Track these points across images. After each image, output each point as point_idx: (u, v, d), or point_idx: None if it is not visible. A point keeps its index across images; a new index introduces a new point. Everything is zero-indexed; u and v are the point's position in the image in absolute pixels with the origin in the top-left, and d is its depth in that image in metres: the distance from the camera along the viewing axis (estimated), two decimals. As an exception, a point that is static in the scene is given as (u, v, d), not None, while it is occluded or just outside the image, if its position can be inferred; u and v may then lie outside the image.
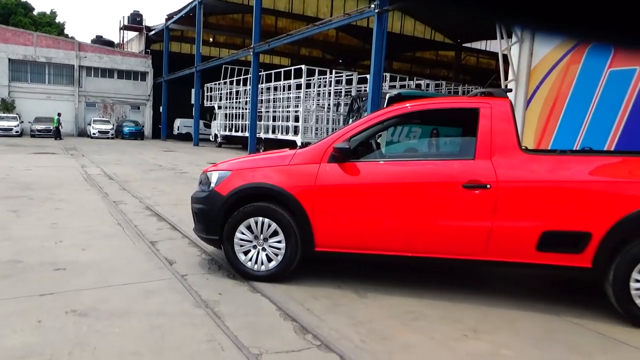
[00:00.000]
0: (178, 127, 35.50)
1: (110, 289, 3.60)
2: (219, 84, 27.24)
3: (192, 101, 29.57)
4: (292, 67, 20.09)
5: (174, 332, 2.92)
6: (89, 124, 31.92)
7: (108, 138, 30.47)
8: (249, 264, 3.96)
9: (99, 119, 32.79)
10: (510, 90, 5.69)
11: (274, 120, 21.45)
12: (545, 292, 4.15)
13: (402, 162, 4.00)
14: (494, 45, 10.45)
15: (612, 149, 7.45)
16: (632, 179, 3.45)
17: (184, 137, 33.78)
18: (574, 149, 7.18)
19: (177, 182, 10.48)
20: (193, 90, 29.27)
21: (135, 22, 37.72)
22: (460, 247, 3.64)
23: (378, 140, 5.24)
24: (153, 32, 36.03)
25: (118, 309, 3.21)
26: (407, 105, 4.09)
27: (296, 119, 19.46)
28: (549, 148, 8.14)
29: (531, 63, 9.05)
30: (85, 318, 3.04)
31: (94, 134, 30.55)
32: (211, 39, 35.39)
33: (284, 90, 20.69)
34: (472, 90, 4.55)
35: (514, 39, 9.20)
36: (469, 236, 3.59)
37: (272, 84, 21.60)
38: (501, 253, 3.57)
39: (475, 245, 3.59)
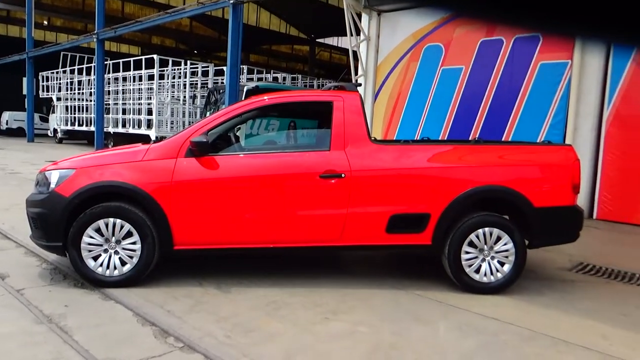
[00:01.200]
0: (7, 121, 30.90)
1: None
2: (57, 72, 24.35)
3: (24, 92, 25.97)
4: (143, 57, 18.83)
5: (11, 355, 2.57)
6: None
7: None
8: (99, 270, 3.64)
9: None
10: (360, 85, 6.08)
11: (124, 113, 19.91)
12: (393, 270, 4.55)
13: (261, 155, 4.03)
14: (345, 42, 11.10)
15: (446, 138, 8.43)
16: (461, 164, 3.95)
17: (16, 133, 29.56)
18: (415, 138, 7.96)
19: (8, 183, 9.17)
20: (25, 80, 25.71)
21: (-57, -4, 31.74)
22: (319, 234, 3.80)
23: (237, 133, 5.20)
24: (-31, 9, 30.73)
25: None
26: (265, 98, 4.12)
27: (149, 112, 18.32)
28: (394, 138, 8.92)
29: (377, 60, 9.76)
30: None
31: None
32: (46, 22, 31.40)
33: (134, 81, 19.29)
34: (326, 84, 4.77)
35: (362, 36, 9.83)
36: (327, 224, 3.78)
37: (120, 74, 19.99)
38: (356, 237, 3.82)
39: (333, 232, 3.79)
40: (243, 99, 8.82)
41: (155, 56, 17.52)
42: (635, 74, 6.80)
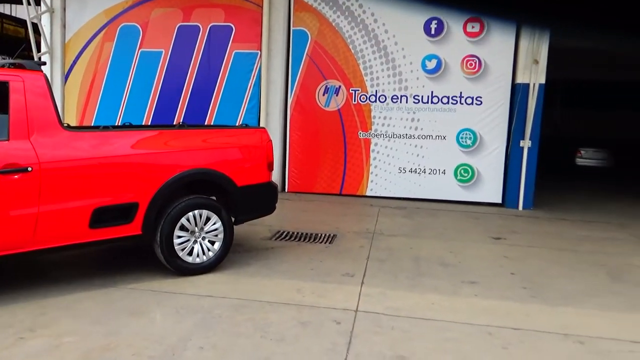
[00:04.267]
0: None
1: None
2: None
3: None
4: None
5: None
6: None
7: None
8: None
9: None
10: (45, 63, 5.28)
11: None
12: (103, 267, 4.24)
13: None
14: (22, 11, 9.21)
15: (149, 123, 8.22)
16: (167, 149, 3.94)
17: None
18: (116, 124, 7.49)
19: None
20: None
21: None
22: (3, 241, 3.20)
23: None
24: None
25: None
26: None
27: None
28: (92, 125, 8.16)
29: (66, 36, 8.65)
30: None
31: None
32: None
33: None
34: (-3, 61, 3.91)
35: (43, 7, 8.49)
36: (13, 228, 3.21)
37: None
38: (53, 238, 3.38)
39: (22, 237, 3.25)
40: None
41: None
42: (309, 66, 8.07)
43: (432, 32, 7.66)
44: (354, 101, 8.01)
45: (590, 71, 13.34)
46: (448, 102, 7.73)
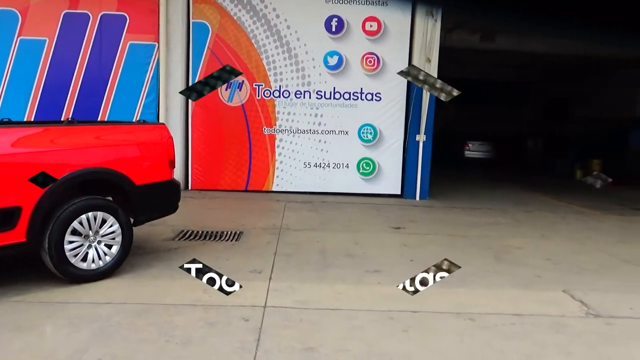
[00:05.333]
0: None
1: None
2: None
3: None
4: None
5: None
6: None
7: None
8: None
9: None
10: None
11: None
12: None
13: None
14: None
15: (33, 119, 7.48)
16: (54, 147, 3.62)
17: None
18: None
19: None
20: None
21: None
22: None
23: None
24: None
25: None
26: None
27: None
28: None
29: None
30: None
31: None
32: None
33: None
34: None
35: None
36: None
37: None
38: None
39: None
40: None
41: None
42: (211, 60, 7.85)
43: (333, 29, 7.84)
44: (258, 96, 7.96)
45: (476, 70, 14.55)
46: (350, 98, 7.98)
